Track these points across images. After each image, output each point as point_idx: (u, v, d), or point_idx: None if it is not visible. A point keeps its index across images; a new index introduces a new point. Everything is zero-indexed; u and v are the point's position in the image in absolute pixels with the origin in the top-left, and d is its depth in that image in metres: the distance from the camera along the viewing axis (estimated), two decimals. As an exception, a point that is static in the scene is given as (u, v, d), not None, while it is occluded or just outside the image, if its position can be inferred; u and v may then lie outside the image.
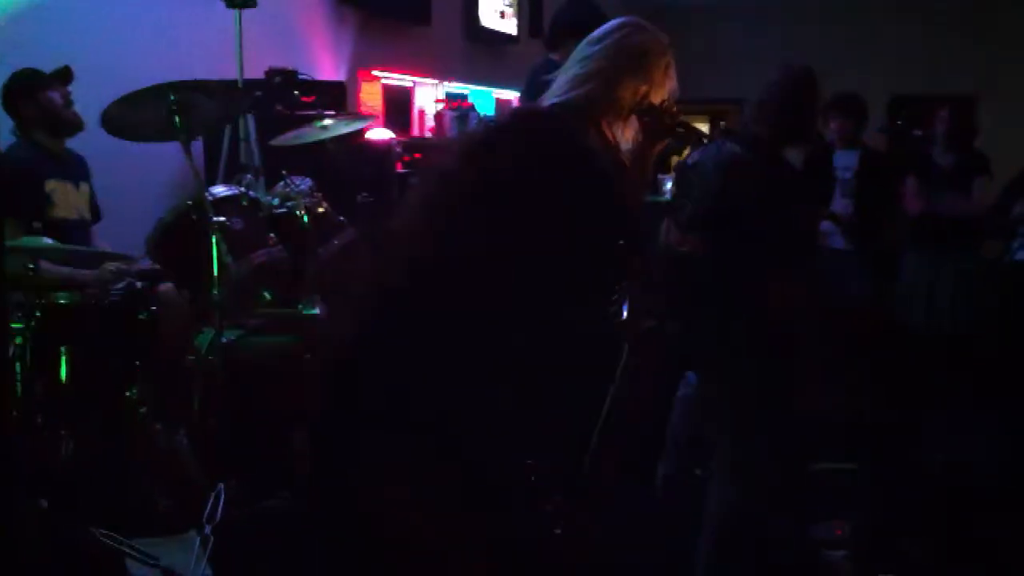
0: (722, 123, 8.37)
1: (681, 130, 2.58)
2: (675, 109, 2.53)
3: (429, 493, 2.06)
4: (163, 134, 3.48)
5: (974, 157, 5.46)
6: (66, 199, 3.88)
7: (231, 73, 4.60)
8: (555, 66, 2.63)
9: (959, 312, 5.08)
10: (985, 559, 3.43)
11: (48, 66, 3.86)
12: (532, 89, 4.33)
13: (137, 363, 3.36)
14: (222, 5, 4.57)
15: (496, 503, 2.16)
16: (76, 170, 3.99)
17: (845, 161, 5.53)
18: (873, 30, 9.18)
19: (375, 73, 6.53)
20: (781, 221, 3.03)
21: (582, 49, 2.53)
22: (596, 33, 2.55)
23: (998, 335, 4.84)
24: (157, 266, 3.72)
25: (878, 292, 5.40)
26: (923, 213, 5.39)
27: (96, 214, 4.08)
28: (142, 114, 3.42)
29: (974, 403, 4.55)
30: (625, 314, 2.51)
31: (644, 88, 2.47)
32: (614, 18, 2.59)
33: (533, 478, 2.24)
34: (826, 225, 5.42)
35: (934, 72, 8.71)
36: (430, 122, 7.06)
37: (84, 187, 4.00)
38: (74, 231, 3.87)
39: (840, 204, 5.49)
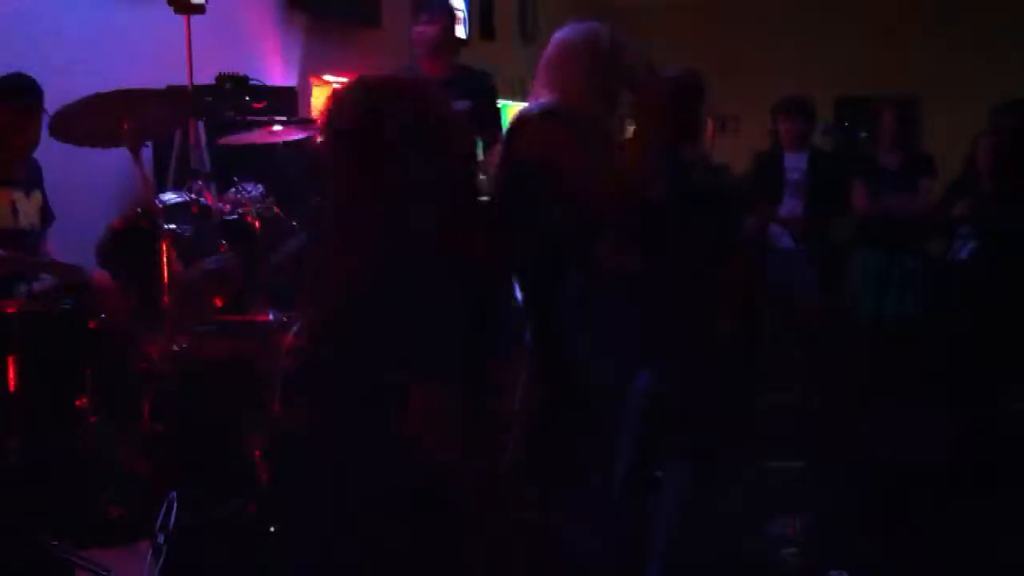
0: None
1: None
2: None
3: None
4: (111, 140, 3.46)
5: (919, 158, 5.56)
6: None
7: (181, 79, 4.57)
8: None
9: (906, 310, 5.17)
10: (934, 552, 3.49)
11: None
12: None
13: (88, 372, 3.33)
14: (171, 10, 4.54)
15: None
16: (28, 178, 3.85)
17: (794, 163, 5.59)
18: (815, 32, 9.29)
19: (326, 77, 6.50)
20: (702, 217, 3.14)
21: (553, 54, 2.73)
22: (560, 37, 2.79)
23: (943, 332, 4.94)
24: None
25: (826, 291, 5.48)
26: (870, 213, 5.47)
27: (47, 219, 4.00)
28: (89, 122, 3.39)
29: (921, 399, 4.64)
30: None
31: (617, 82, 2.67)
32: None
33: None
34: (775, 226, 5.49)
35: (877, 74, 8.82)
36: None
37: (36, 195, 3.86)
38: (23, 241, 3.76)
39: (789, 205, 5.55)
